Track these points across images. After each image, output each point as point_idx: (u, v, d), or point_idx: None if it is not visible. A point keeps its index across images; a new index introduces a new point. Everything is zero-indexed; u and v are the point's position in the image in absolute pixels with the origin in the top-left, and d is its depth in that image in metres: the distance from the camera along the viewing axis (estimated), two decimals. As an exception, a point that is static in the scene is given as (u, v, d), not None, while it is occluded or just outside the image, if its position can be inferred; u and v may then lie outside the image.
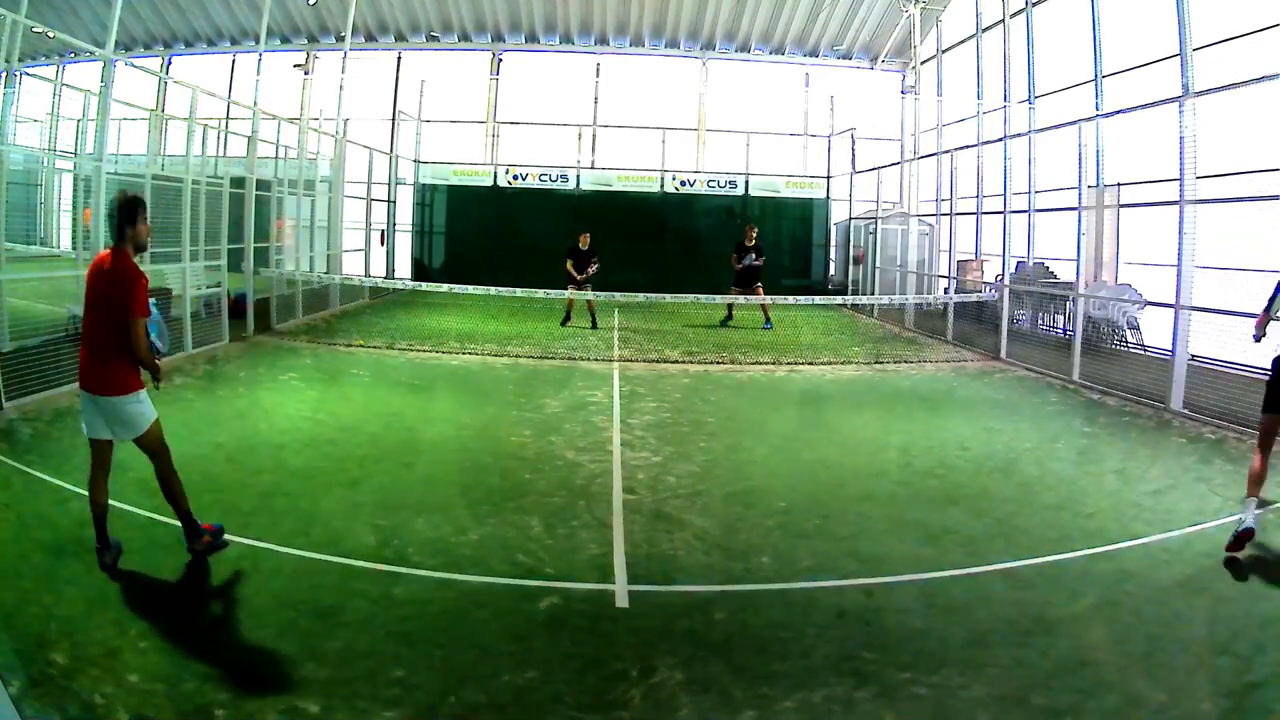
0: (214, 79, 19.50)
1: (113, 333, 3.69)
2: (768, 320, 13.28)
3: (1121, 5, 12.64)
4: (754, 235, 13.26)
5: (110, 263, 3.73)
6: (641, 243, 18.66)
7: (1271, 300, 4.57)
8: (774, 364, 10.15)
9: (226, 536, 3.99)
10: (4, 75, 7.58)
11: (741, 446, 6.29)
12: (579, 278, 12.64)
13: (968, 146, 14.87)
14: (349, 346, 10.43)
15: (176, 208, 9.27)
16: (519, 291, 12.67)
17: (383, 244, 18.54)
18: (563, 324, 12.78)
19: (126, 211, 3.77)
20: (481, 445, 6.10)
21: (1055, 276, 12.64)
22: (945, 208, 14.62)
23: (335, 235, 15.03)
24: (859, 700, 2.87)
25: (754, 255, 13.15)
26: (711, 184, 19.52)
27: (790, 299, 13.31)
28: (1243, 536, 4.08)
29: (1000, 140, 12.84)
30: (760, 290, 12.90)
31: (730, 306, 13.48)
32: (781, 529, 4.53)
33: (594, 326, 12.65)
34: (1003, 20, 15.82)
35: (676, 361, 10.04)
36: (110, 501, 3.82)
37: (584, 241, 12.77)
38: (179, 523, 3.87)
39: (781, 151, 20.47)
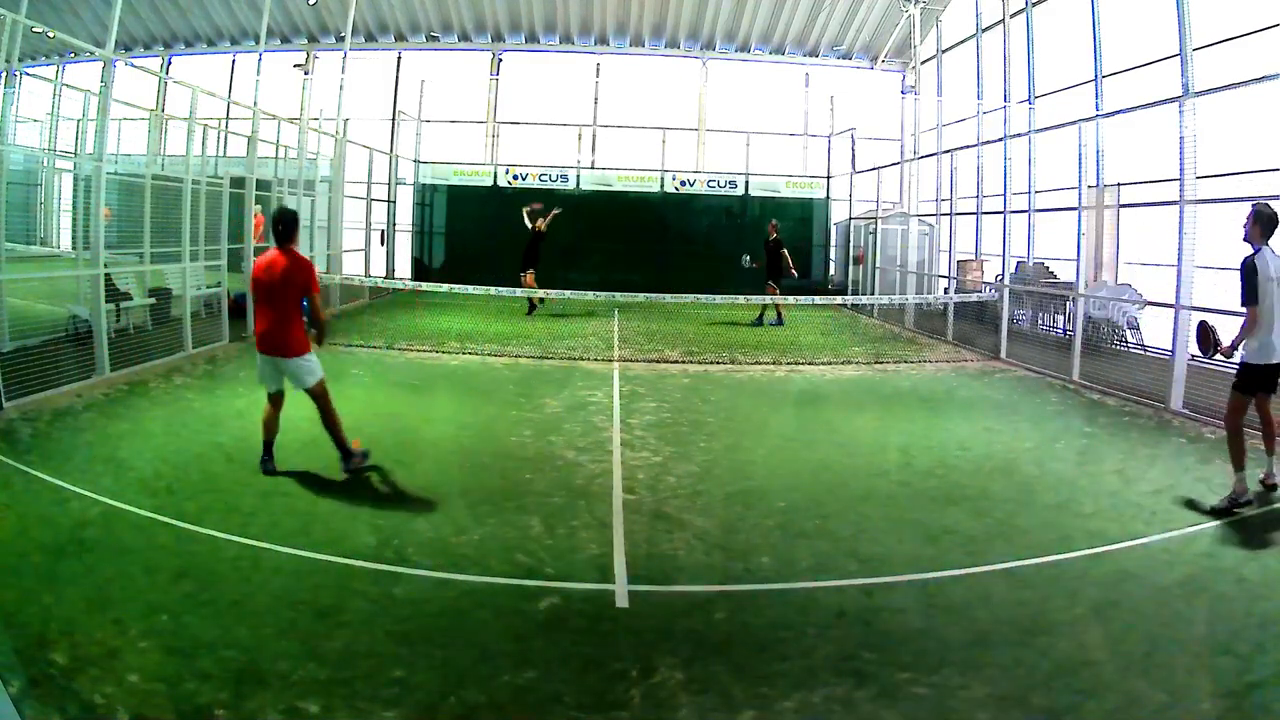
0: (214, 79, 19.50)
1: (289, 306, 5.09)
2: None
3: (1121, 5, 12.64)
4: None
5: (285, 257, 5.11)
6: (641, 243, 18.67)
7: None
8: (774, 364, 10.14)
9: (356, 463, 5.26)
10: (4, 75, 7.58)
11: (741, 446, 6.29)
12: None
13: (968, 146, 14.86)
14: (349, 346, 10.43)
15: (176, 208, 9.27)
16: (519, 291, 12.69)
17: (383, 244, 18.53)
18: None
19: (291, 222, 5.21)
20: (481, 445, 6.10)
21: (1055, 276, 12.63)
22: (945, 208, 14.62)
23: (335, 235, 15.03)
24: (859, 700, 2.87)
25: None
26: (711, 184, 19.52)
27: (790, 299, 13.32)
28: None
29: (1000, 140, 12.83)
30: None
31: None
32: (781, 529, 4.53)
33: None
34: (1003, 20, 15.81)
35: (676, 361, 10.04)
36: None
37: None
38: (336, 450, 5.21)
39: (781, 151, 20.47)
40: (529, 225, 13.67)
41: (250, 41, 19.70)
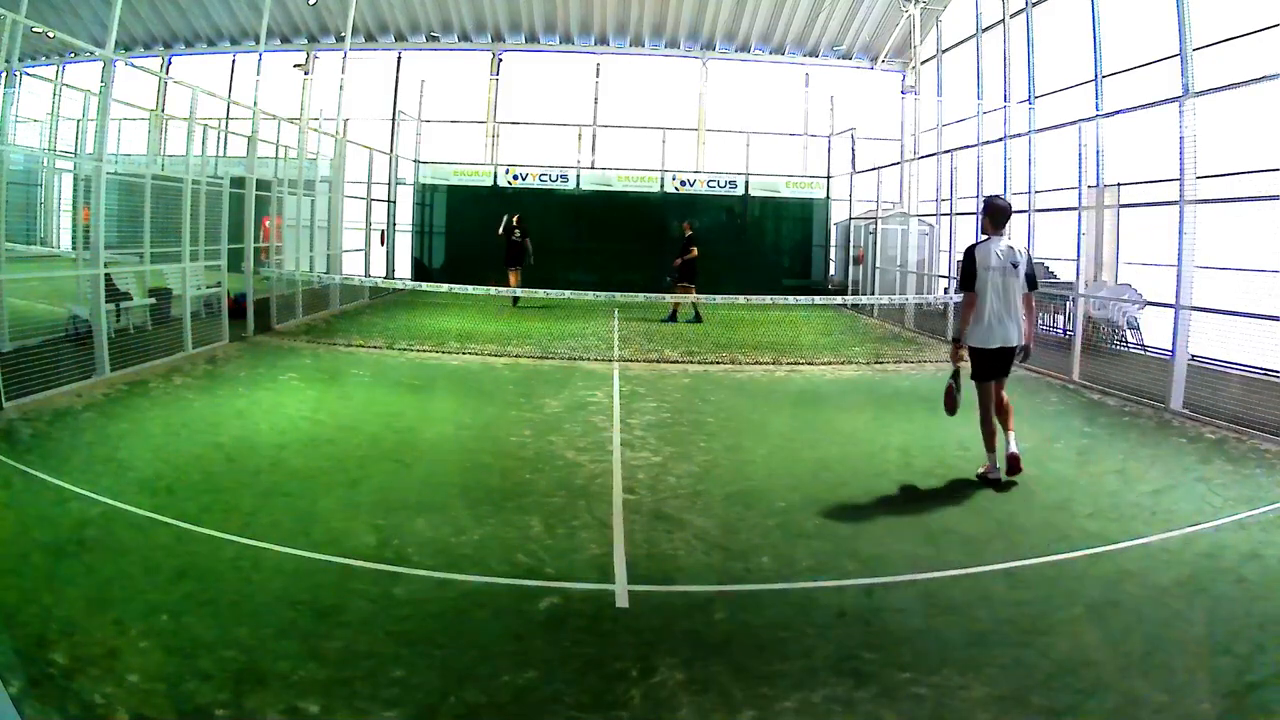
0: (214, 79, 19.51)
1: None
2: None
3: (1121, 5, 12.63)
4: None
5: None
6: (641, 243, 18.67)
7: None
8: (774, 364, 10.14)
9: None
10: (4, 75, 7.58)
11: (741, 446, 6.29)
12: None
13: (968, 146, 14.84)
14: (349, 346, 10.43)
15: (176, 208, 9.27)
16: (519, 291, 12.70)
17: (383, 244, 18.53)
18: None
19: None
20: (481, 445, 6.10)
21: (1055, 276, 12.62)
22: (945, 208, 14.62)
23: (335, 235, 15.03)
24: (859, 700, 2.87)
25: None
26: (712, 184, 19.52)
27: (790, 299, 13.31)
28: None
29: (1000, 140, 12.83)
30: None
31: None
32: (781, 529, 4.53)
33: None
34: (1003, 20, 15.81)
35: (676, 361, 10.03)
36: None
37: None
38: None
39: (781, 151, 20.48)
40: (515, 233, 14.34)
41: (250, 41, 19.70)
